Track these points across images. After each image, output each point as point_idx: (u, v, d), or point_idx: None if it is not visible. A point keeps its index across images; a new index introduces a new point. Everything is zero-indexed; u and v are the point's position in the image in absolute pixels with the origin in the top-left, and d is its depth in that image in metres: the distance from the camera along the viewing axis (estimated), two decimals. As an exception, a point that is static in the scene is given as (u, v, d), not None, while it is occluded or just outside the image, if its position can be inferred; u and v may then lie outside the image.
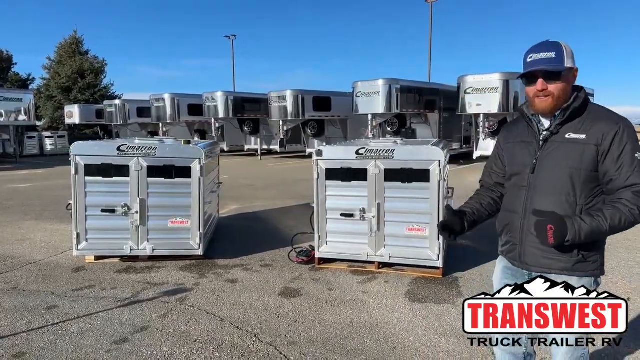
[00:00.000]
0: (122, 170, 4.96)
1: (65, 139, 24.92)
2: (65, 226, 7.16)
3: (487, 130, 14.47)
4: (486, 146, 15.89)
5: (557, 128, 1.86)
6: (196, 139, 20.60)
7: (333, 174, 4.84)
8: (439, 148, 4.62)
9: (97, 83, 33.34)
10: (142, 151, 4.96)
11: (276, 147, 20.93)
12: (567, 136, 1.84)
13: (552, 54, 1.82)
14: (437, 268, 4.71)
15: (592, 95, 20.40)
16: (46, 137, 24.45)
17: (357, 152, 4.74)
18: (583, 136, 1.81)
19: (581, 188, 1.83)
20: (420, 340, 3.40)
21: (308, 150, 20.08)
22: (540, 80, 1.84)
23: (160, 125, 22.28)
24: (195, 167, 5.06)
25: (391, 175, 4.67)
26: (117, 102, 25.22)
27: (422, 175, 4.57)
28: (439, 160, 4.52)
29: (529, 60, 1.84)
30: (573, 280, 1.89)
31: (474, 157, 15.67)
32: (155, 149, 4.98)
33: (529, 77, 1.85)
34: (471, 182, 8.04)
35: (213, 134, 20.56)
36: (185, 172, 5.06)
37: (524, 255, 1.97)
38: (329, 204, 4.90)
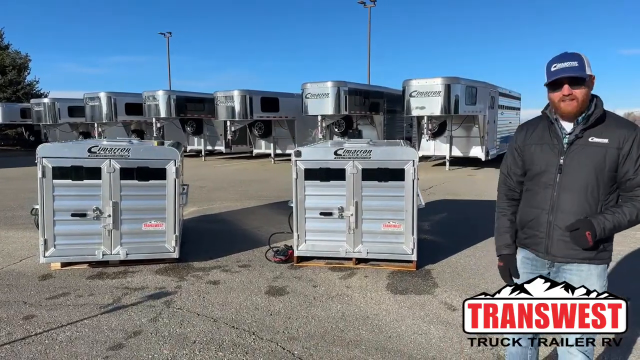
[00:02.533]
0: (94, 173, 4.79)
1: (-15, 140, 22.97)
2: (14, 232, 6.73)
3: (429, 132, 15.16)
4: (428, 147, 16.68)
5: (581, 132, 2.09)
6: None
7: (312, 174, 4.98)
8: (412, 149, 4.90)
9: (20, 80, 30.93)
10: (114, 153, 4.81)
11: (221, 148, 20.62)
12: (590, 140, 2.06)
13: (574, 63, 2.04)
14: (411, 261, 4.99)
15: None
16: (-37, 138, 22.41)
17: (335, 153, 4.90)
18: (606, 140, 2.04)
19: (602, 186, 2.07)
20: (412, 328, 3.62)
21: (255, 151, 20.00)
22: (566, 86, 2.05)
23: (96, 125, 21.14)
24: (170, 169, 4.99)
25: (368, 174, 4.88)
26: (46, 100, 23.57)
27: (397, 175, 4.83)
28: (413, 160, 4.80)
29: (553, 69, 2.06)
30: (592, 268, 2.11)
31: (417, 157, 16.35)
32: (128, 150, 4.85)
33: (554, 84, 2.07)
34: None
35: (154, 134, 19.85)
36: (160, 173, 4.97)
37: (551, 247, 2.16)
38: (308, 203, 5.03)
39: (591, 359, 2.17)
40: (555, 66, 2.06)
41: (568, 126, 2.14)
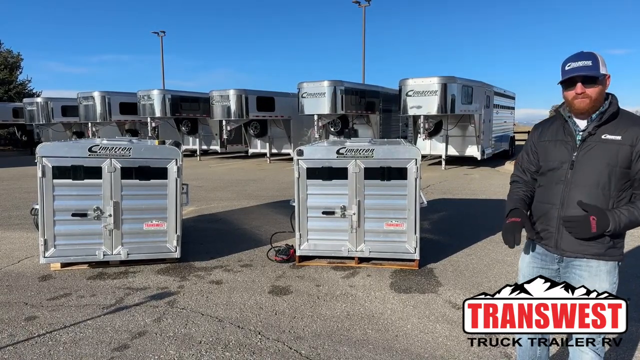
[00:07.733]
0: (94, 172, 4.74)
1: (-23, 139, 22.70)
2: (11, 233, 6.66)
3: (425, 131, 15.18)
4: (424, 146, 16.70)
5: (594, 129, 2.11)
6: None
7: (314, 173, 4.96)
8: (415, 147, 4.91)
9: (12, 79, 30.62)
10: (115, 152, 4.77)
11: (216, 147, 20.56)
12: (603, 137, 2.08)
13: (589, 62, 2.07)
14: (413, 260, 4.99)
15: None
16: (-46, 137, 22.14)
17: (337, 152, 4.89)
18: (619, 137, 2.05)
19: (615, 182, 2.07)
20: (418, 327, 3.62)
21: (250, 151, 19.94)
22: (579, 84, 2.07)
23: (90, 124, 20.97)
24: (172, 168, 4.95)
25: (371, 173, 4.87)
26: (39, 99, 23.34)
27: (400, 173, 4.83)
28: (416, 159, 4.80)
29: (567, 68, 2.09)
30: (601, 264, 2.12)
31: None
32: (129, 149, 4.81)
33: (568, 82, 2.10)
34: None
35: (149, 134, 19.71)
36: (161, 173, 4.94)
37: (560, 242, 2.17)
38: (310, 203, 5.02)
39: (601, 356, 2.18)
40: (569, 65, 2.09)
41: (582, 124, 2.16)
